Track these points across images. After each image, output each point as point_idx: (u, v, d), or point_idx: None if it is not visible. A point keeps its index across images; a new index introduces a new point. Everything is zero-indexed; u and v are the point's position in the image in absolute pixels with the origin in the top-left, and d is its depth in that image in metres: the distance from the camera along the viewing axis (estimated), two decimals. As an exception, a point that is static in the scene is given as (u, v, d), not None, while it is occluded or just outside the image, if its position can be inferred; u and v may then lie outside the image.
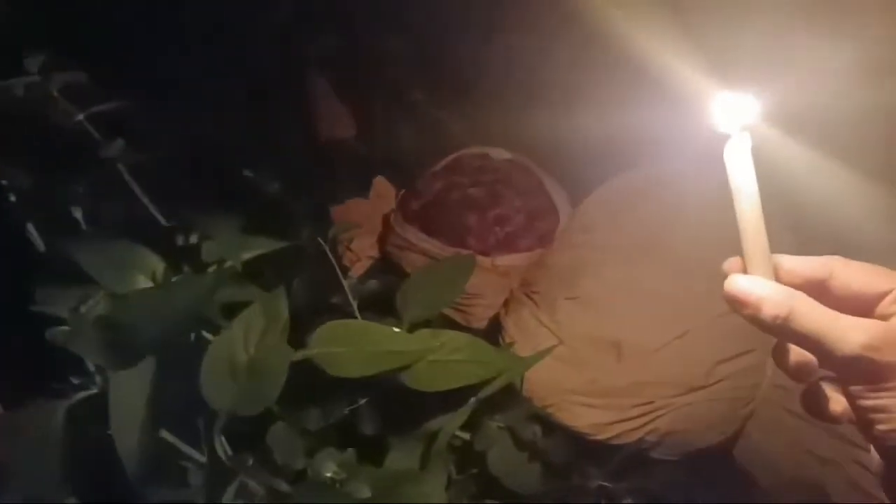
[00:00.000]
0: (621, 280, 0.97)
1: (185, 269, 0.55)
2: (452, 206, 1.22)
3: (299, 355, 0.65)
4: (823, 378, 0.34)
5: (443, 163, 1.36)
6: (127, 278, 0.51)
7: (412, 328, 0.77)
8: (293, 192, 1.25)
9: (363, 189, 1.48)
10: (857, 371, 0.30)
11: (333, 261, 0.82)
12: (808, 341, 0.31)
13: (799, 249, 0.34)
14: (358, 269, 1.32)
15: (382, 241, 1.36)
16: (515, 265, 1.17)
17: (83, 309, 0.45)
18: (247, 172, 1.14)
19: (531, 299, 1.05)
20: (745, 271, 0.32)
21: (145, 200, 0.69)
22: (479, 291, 1.17)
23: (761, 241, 0.31)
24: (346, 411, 0.74)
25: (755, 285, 0.31)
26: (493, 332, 1.11)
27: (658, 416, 0.91)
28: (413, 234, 1.24)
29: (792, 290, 0.31)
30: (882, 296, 0.32)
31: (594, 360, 0.93)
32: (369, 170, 1.50)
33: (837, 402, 0.33)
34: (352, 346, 0.67)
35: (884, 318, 0.31)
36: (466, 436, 0.78)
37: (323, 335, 0.67)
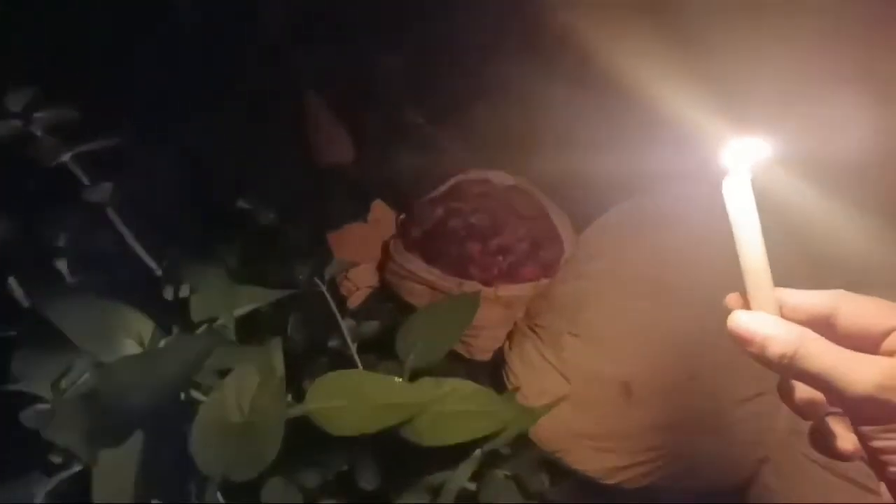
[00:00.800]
0: (629, 315, 0.95)
1: (175, 329, 0.53)
2: (453, 235, 1.20)
3: (295, 412, 0.63)
4: (831, 413, 0.33)
5: (443, 188, 1.34)
6: (113, 344, 0.49)
7: (414, 374, 0.74)
8: (289, 221, 1.23)
9: (361, 213, 1.46)
10: (868, 412, 0.29)
11: (332, 302, 0.79)
12: (816, 381, 0.30)
13: (814, 283, 0.33)
14: (356, 300, 1.30)
15: (382, 268, 1.33)
16: (519, 295, 1.14)
17: (64, 384, 0.43)
18: (242, 203, 1.12)
19: (535, 333, 1.03)
20: (747, 307, 0.32)
21: (136, 246, 0.66)
22: (482, 323, 1.14)
23: (764, 275, 0.31)
24: (344, 466, 0.71)
25: (760, 322, 0.31)
26: (496, 366, 1.09)
27: (670, 461, 0.88)
28: (413, 263, 1.21)
29: (799, 327, 0.31)
30: (889, 332, 0.31)
31: (603, 401, 0.90)
32: (367, 193, 1.48)
33: (846, 439, 0.32)
34: (350, 399, 0.65)
35: (890, 354, 0.31)
36: (472, 486, 0.76)
37: (320, 389, 0.64)
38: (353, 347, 0.80)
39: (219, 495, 0.60)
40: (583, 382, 0.91)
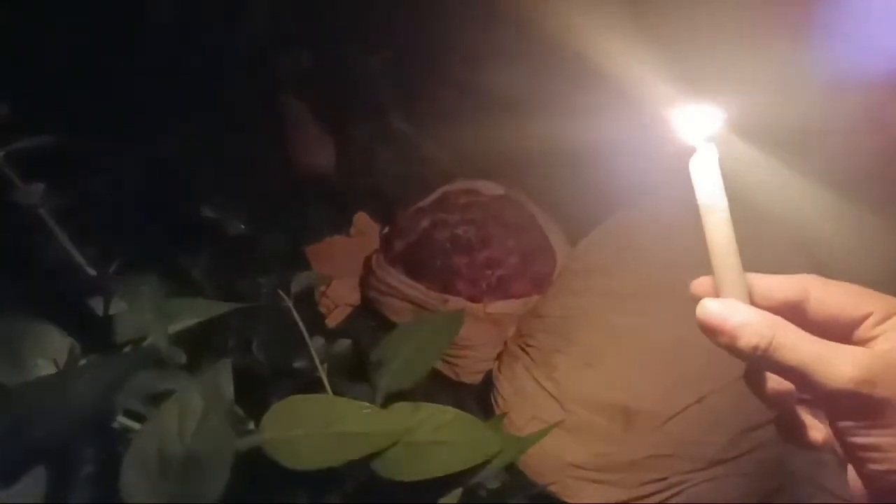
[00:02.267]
0: (626, 333, 0.89)
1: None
2: (439, 247, 1.13)
3: (247, 443, 0.56)
4: (801, 401, 0.32)
5: (429, 199, 1.28)
6: (22, 364, 0.42)
7: (389, 399, 0.68)
8: (263, 231, 1.16)
9: (343, 226, 1.40)
10: (847, 406, 0.28)
11: (298, 318, 0.72)
12: (791, 373, 0.29)
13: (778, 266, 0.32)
14: (335, 318, 1.23)
15: (363, 286, 1.27)
16: (509, 313, 1.08)
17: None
18: (207, 212, 1.05)
19: (526, 353, 0.96)
20: (716, 294, 0.30)
21: (74, 253, 0.59)
22: (469, 342, 1.07)
23: (733, 260, 0.30)
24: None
25: (730, 311, 0.30)
26: (486, 389, 1.02)
27: (674, 494, 0.81)
28: (396, 278, 1.15)
29: (773, 316, 0.29)
30: (862, 319, 0.30)
31: (600, 428, 0.83)
32: (350, 204, 1.42)
33: (817, 428, 0.32)
34: (311, 427, 0.58)
35: (863, 342, 0.30)
36: (453, 527, 0.68)
37: (276, 416, 0.57)
38: (323, 369, 0.73)
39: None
40: (578, 408, 0.84)
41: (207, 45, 1.38)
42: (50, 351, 0.43)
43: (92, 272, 0.58)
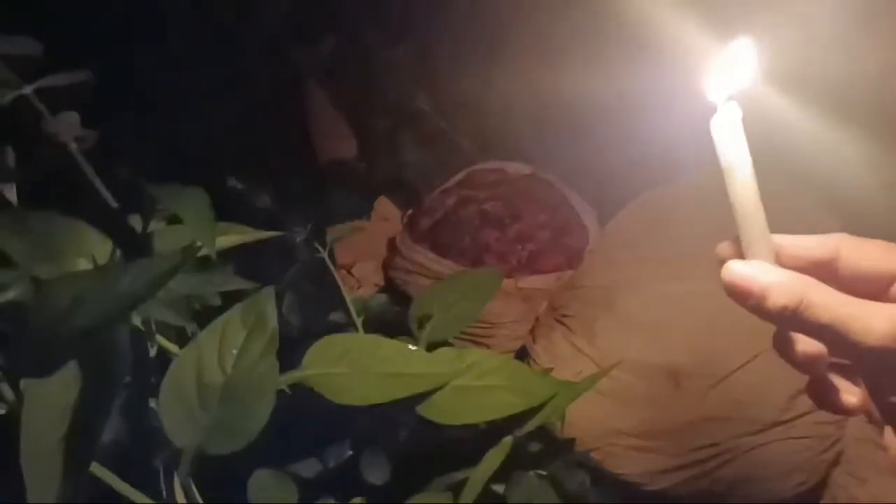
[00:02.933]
0: (673, 298, 0.85)
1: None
2: (467, 223, 1.11)
3: (290, 378, 0.53)
4: (832, 365, 0.31)
5: (455, 179, 1.26)
6: (59, 260, 0.39)
7: (429, 348, 0.65)
8: (287, 210, 1.14)
9: (365, 211, 1.38)
10: (884, 364, 0.28)
11: (334, 270, 0.69)
12: (824, 333, 0.28)
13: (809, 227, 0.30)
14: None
15: (387, 267, 1.24)
16: (541, 288, 1.05)
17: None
18: (233, 182, 1.03)
19: (563, 324, 0.93)
20: (742, 256, 0.30)
21: (102, 190, 0.57)
22: (500, 319, 1.04)
23: (759, 220, 0.29)
24: (348, 453, 0.60)
25: (758, 271, 0.29)
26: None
27: (725, 461, 0.77)
28: (422, 256, 1.12)
29: (801, 275, 0.29)
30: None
31: (646, 392, 0.80)
32: (371, 190, 1.40)
33: (851, 392, 0.31)
34: (356, 366, 0.55)
35: None
36: (499, 488, 0.65)
37: (320, 353, 0.54)
38: (359, 322, 0.70)
39: (193, 488, 0.49)
40: (622, 373, 0.80)
41: (229, 30, 1.38)
42: (89, 251, 0.40)
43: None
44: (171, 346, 0.47)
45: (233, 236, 0.49)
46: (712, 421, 0.77)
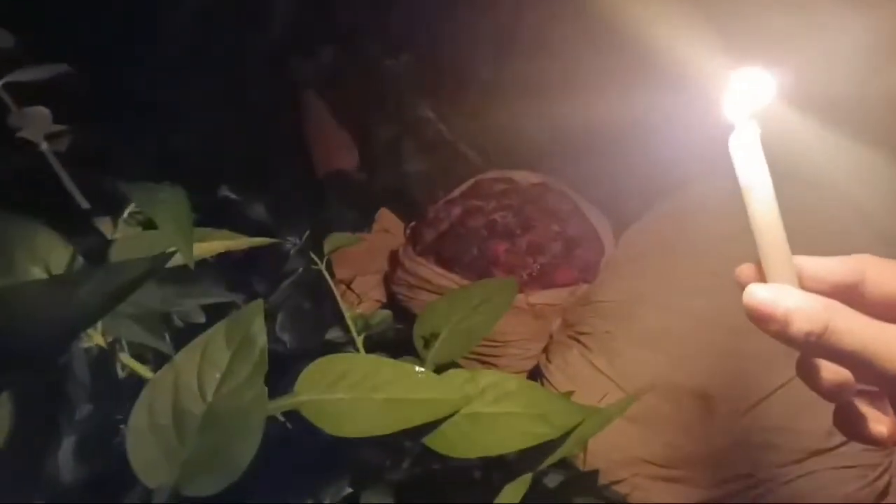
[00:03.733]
0: (698, 313, 0.79)
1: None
2: (474, 235, 1.05)
3: (281, 405, 0.47)
4: (860, 392, 0.30)
5: (460, 189, 1.20)
6: (10, 271, 0.33)
7: (437, 370, 0.59)
8: (283, 221, 1.09)
9: (365, 223, 1.32)
10: None
11: (331, 283, 0.63)
12: (850, 359, 0.27)
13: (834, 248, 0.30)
14: (360, 314, 1.14)
15: (389, 282, 1.18)
16: (554, 303, 0.99)
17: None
18: (225, 192, 0.98)
19: (579, 342, 0.87)
20: (763, 279, 0.29)
21: (74, 193, 0.52)
22: (509, 337, 0.98)
23: (780, 242, 0.29)
24: (347, 490, 0.54)
25: (780, 295, 0.28)
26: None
27: (761, 494, 0.71)
28: (426, 270, 1.06)
29: (826, 299, 0.28)
30: None
31: (673, 416, 0.73)
32: (373, 201, 1.34)
33: (880, 421, 0.30)
34: (356, 391, 0.49)
35: None
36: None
37: (314, 376, 0.49)
38: (359, 340, 0.64)
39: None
40: (648, 395, 0.74)
41: (229, 39, 1.34)
42: (46, 257, 0.34)
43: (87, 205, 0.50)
44: (143, 370, 0.41)
45: (215, 243, 0.43)
46: (746, 448, 0.71)
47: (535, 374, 0.90)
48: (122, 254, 0.39)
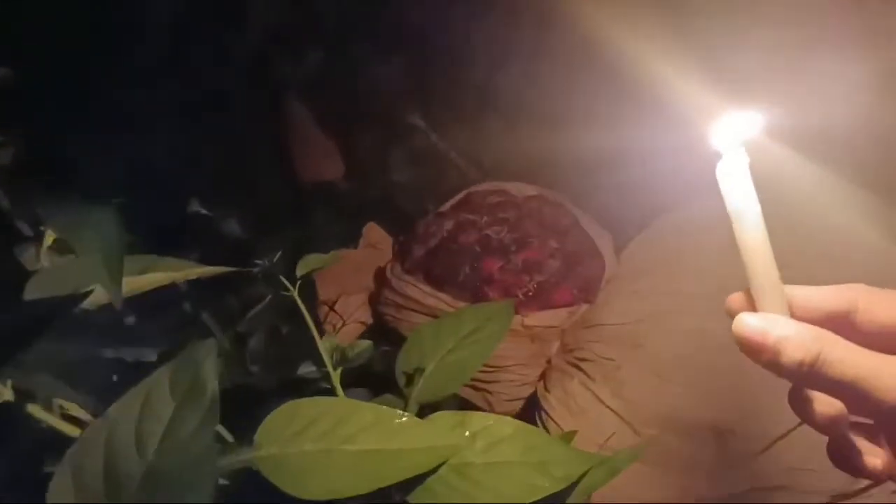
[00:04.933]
0: (706, 338, 0.73)
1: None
2: (466, 251, 0.99)
3: (236, 461, 0.41)
4: (854, 424, 0.29)
5: (452, 201, 1.15)
6: None
7: (422, 412, 0.53)
8: (262, 238, 1.03)
9: (352, 238, 1.26)
10: None
11: (304, 311, 0.57)
12: (842, 390, 0.27)
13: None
14: (344, 337, 1.08)
15: (376, 302, 1.12)
16: (552, 325, 0.93)
17: None
18: (197, 206, 0.92)
19: (580, 369, 0.81)
20: (754, 308, 0.29)
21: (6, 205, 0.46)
22: (504, 362, 0.92)
23: (770, 271, 0.29)
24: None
25: (770, 324, 0.28)
26: (527, 418, 0.86)
27: (784, 541, 0.65)
28: (415, 289, 1.00)
29: (817, 328, 0.28)
30: None
31: (684, 455, 0.67)
32: (359, 214, 1.29)
33: (874, 454, 0.29)
34: (326, 441, 0.43)
35: None
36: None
37: (277, 424, 0.43)
38: (335, 375, 0.58)
39: None
40: (655, 431, 0.68)
41: (207, 43, 1.28)
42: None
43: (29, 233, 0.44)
44: (65, 426, 0.35)
45: (158, 274, 0.37)
46: (764, 492, 0.65)
47: (533, 405, 0.84)
48: (40, 289, 0.33)
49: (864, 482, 0.65)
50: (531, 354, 0.93)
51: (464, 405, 1.02)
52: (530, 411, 0.84)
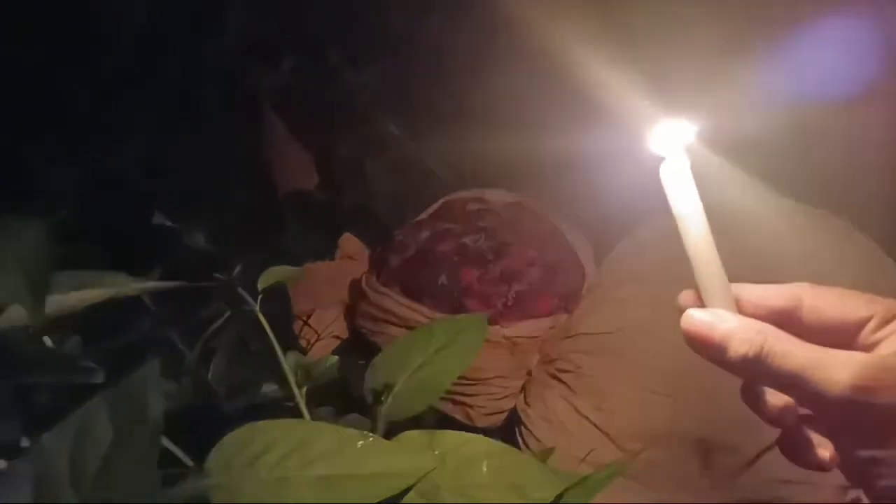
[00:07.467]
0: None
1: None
2: (444, 261, 0.97)
3: (184, 492, 0.38)
4: (805, 417, 0.30)
5: (429, 210, 1.13)
6: None
7: (390, 431, 0.50)
8: (232, 252, 1.00)
9: (327, 250, 1.24)
10: (847, 416, 0.28)
11: (266, 327, 0.55)
12: (787, 382, 0.28)
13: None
14: (318, 353, 1.05)
15: (352, 314, 1.10)
16: (532, 336, 0.91)
17: None
18: (160, 219, 0.89)
19: (561, 381, 0.79)
20: (703, 305, 0.30)
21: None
22: (484, 374, 0.90)
23: (716, 269, 0.30)
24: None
25: (717, 320, 0.30)
26: (509, 435, 0.84)
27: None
28: (391, 300, 0.98)
29: (761, 323, 0.29)
30: (861, 323, 0.30)
31: (668, 470, 0.65)
32: (335, 225, 1.26)
33: (823, 446, 0.30)
34: (284, 469, 0.40)
35: (866, 349, 0.30)
36: None
37: (231, 450, 0.40)
38: (301, 395, 0.55)
39: None
40: (637, 445, 0.66)
41: (177, 50, 1.26)
42: None
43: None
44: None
45: (93, 291, 0.34)
46: (755, 506, 0.63)
47: (514, 420, 0.82)
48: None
49: (852, 496, 0.64)
50: (511, 366, 0.91)
51: (443, 420, 1.00)
52: (511, 426, 0.82)
